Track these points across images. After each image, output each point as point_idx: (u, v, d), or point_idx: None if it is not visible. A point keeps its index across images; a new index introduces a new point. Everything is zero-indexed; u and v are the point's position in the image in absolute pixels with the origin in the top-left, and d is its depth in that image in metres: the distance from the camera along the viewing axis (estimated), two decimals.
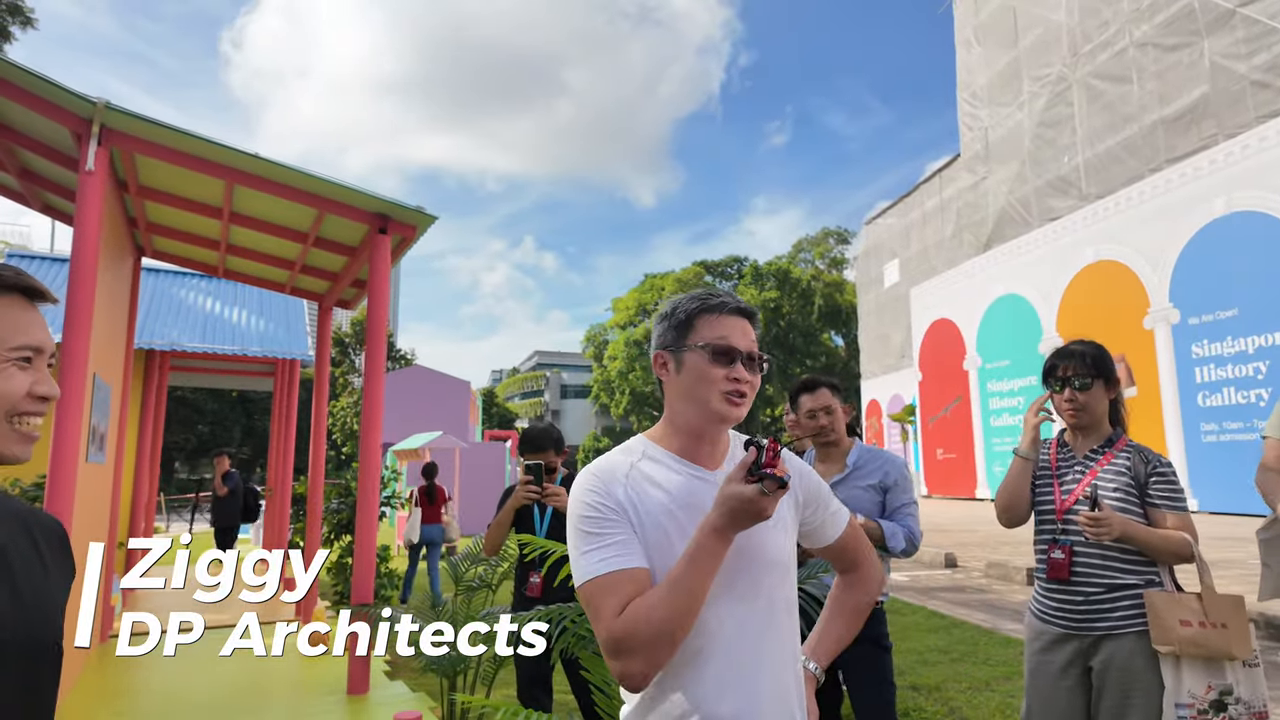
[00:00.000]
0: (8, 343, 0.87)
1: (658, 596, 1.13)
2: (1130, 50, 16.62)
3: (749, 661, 1.20)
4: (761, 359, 1.29)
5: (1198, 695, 2.08)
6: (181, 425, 42.63)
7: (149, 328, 8.50)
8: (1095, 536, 2.19)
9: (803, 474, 1.36)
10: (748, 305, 1.33)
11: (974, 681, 4.75)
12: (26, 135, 4.56)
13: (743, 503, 1.09)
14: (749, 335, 1.29)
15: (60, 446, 3.72)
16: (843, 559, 1.46)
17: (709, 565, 1.12)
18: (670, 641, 1.12)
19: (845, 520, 1.43)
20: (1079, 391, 2.33)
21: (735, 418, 1.26)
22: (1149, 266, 15.29)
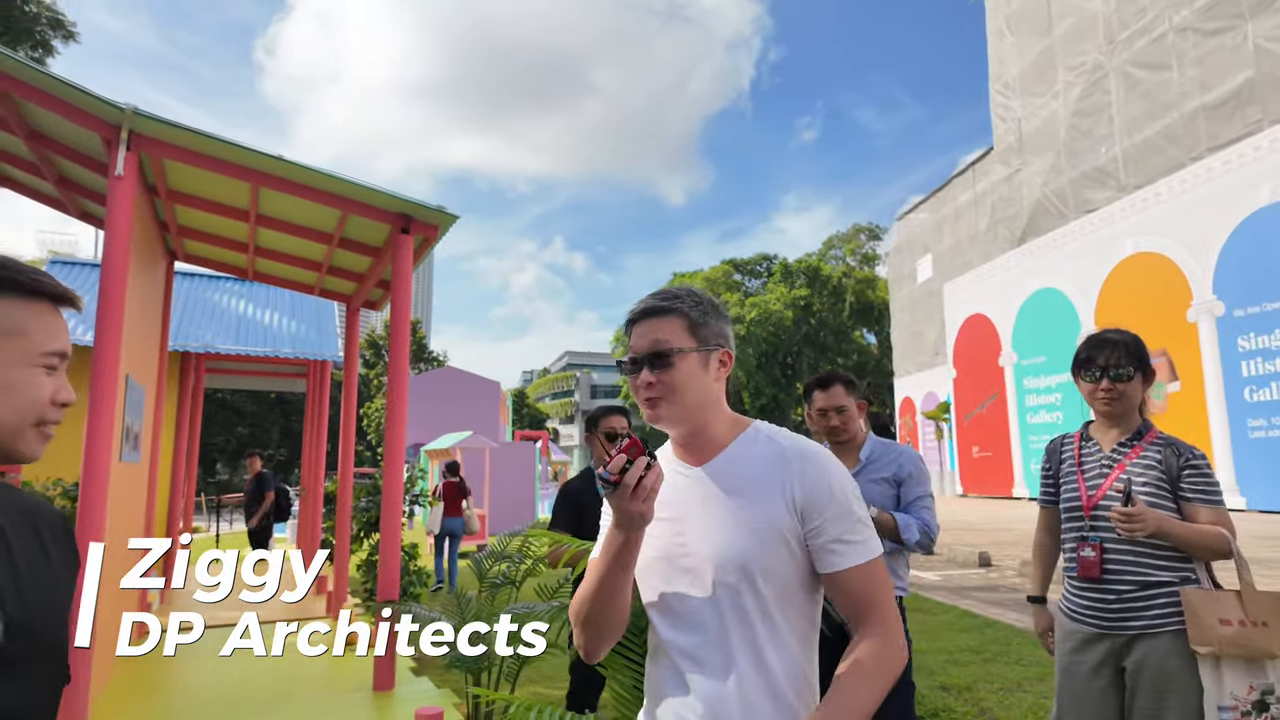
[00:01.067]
0: (41, 347, 0.88)
1: (584, 583, 1.24)
2: (1170, 36, 16.15)
3: (699, 664, 1.20)
4: (670, 351, 1.22)
5: (1240, 696, 1.99)
6: (221, 427, 43.60)
7: (184, 330, 8.69)
8: (1128, 533, 2.11)
9: (803, 476, 1.20)
10: (647, 305, 1.29)
11: (1006, 682, 4.64)
12: (62, 143, 4.68)
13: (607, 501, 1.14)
14: (648, 336, 1.25)
15: (93, 445, 3.81)
16: (846, 605, 1.21)
17: (613, 559, 1.16)
18: (580, 621, 1.23)
19: (857, 557, 1.18)
20: (1118, 382, 2.24)
21: (655, 420, 1.25)
22: (1191, 258, 14.84)
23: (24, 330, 0.87)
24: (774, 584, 1.18)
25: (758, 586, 1.17)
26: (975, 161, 24.56)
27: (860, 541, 1.20)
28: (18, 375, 0.86)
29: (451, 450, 15.48)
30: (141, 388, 5.20)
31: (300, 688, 4.44)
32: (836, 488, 1.20)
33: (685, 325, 1.26)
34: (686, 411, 1.24)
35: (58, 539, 0.98)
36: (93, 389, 3.84)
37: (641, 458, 1.08)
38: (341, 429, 6.75)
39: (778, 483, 1.20)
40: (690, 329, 1.26)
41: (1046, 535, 2.53)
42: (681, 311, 1.26)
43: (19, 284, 0.87)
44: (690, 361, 1.24)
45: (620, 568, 1.17)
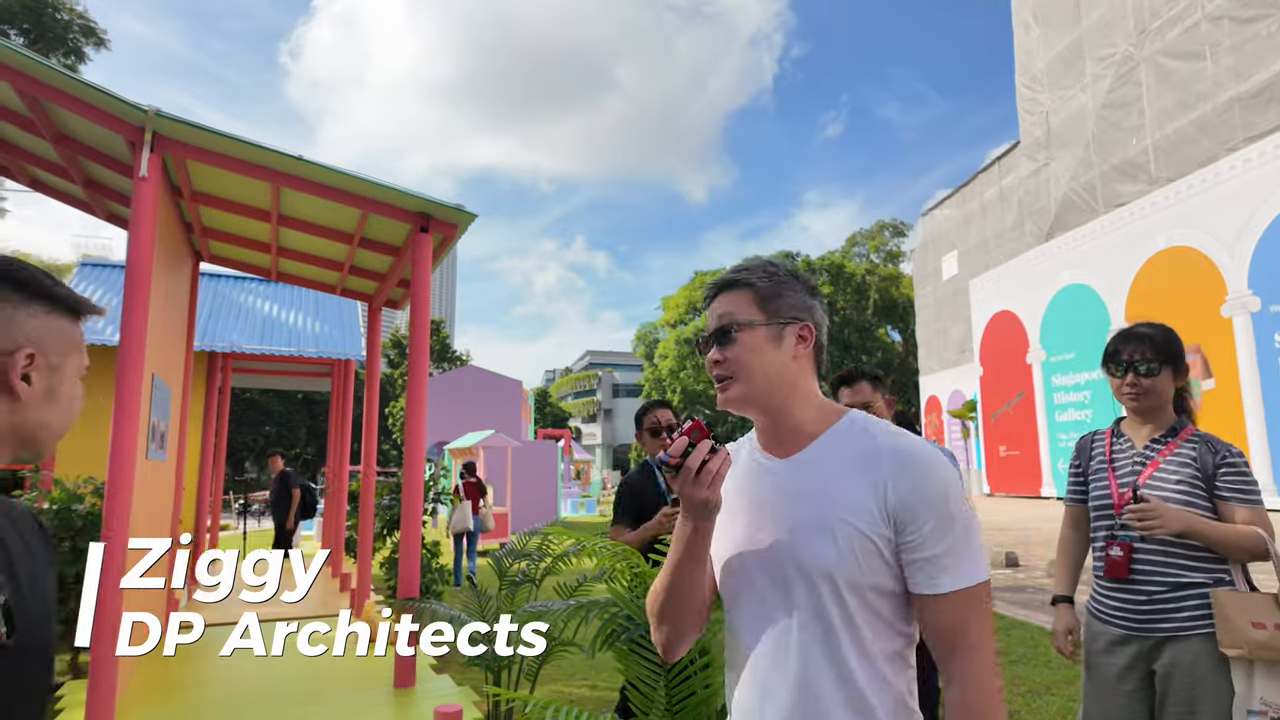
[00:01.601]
0: (84, 363, 0.97)
1: (658, 578, 1.18)
2: (1203, 24, 15.76)
3: (774, 671, 1.10)
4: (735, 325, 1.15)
5: (1271, 702, 1.92)
6: (250, 426, 44.28)
7: (210, 331, 8.81)
8: (1145, 530, 2.05)
9: (900, 478, 1.06)
10: (717, 279, 1.23)
11: (1033, 685, 4.55)
12: (88, 145, 4.76)
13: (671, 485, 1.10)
14: (716, 311, 1.19)
15: (119, 444, 3.86)
16: (932, 635, 1.08)
17: (682, 550, 1.11)
18: (662, 618, 1.17)
19: (956, 581, 1.04)
20: (1144, 377, 2.17)
21: (724, 402, 1.17)
22: (1225, 252, 14.48)
23: (80, 348, 0.96)
24: (858, 594, 1.07)
25: (841, 594, 1.07)
26: (1001, 156, 24.20)
27: (961, 562, 1.04)
28: (76, 389, 0.96)
29: (474, 449, 15.56)
30: (168, 387, 5.27)
31: (322, 685, 4.47)
32: (938, 495, 1.06)
33: (754, 297, 1.17)
34: (756, 392, 1.14)
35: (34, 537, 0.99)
36: (118, 388, 3.89)
37: (704, 440, 1.02)
38: (364, 428, 6.80)
39: (869, 483, 1.07)
40: (759, 301, 1.16)
41: (1073, 532, 2.46)
42: (749, 283, 1.18)
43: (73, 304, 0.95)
44: (757, 336, 1.14)
45: (691, 559, 1.11)
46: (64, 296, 0.94)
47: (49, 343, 0.91)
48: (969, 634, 1.05)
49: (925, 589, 1.05)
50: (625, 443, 66.19)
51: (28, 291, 0.90)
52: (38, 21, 17.35)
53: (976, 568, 1.05)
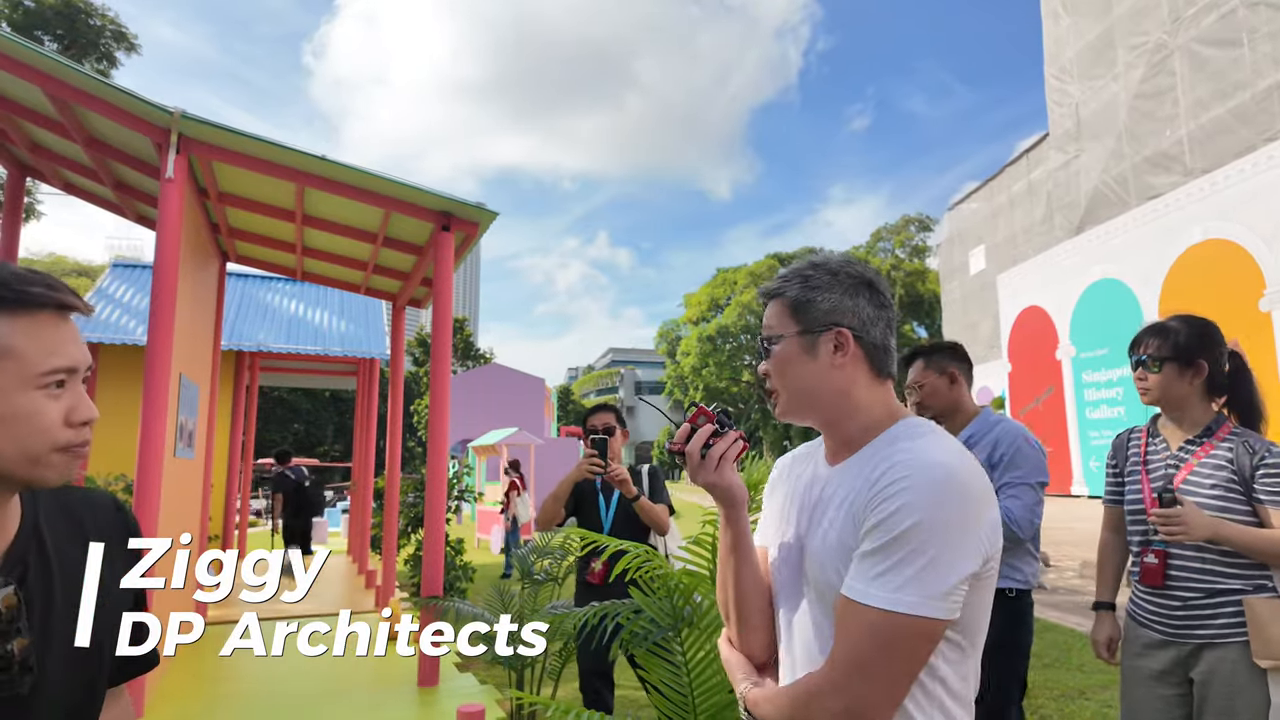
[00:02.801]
0: (36, 368, 0.77)
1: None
2: (1240, 10, 15.35)
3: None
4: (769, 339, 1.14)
5: None
6: (278, 424, 44.94)
7: (237, 330, 8.92)
8: (1170, 537, 1.98)
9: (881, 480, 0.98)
10: (764, 286, 1.19)
11: (1067, 689, 4.45)
12: (117, 148, 4.82)
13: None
14: (765, 323, 1.17)
15: (147, 441, 3.91)
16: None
17: (722, 542, 1.14)
18: (724, 613, 1.19)
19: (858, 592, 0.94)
20: (1149, 371, 2.13)
21: (776, 415, 1.16)
22: (1264, 244, 14.09)
23: (12, 351, 0.76)
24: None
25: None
26: (1029, 149, 23.79)
27: (876, 574, 0.93)
28: (12, 403, 0.76)
29: (497, 447, 15.63)
30: (195, 385, 5.33)
31: (346, 682, 4.49)
32: (895, 500, 0.94)
33: (787, 307, 1.13)
34: (796, 404, 1.11)
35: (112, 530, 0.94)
36: (146, 387, 3.94)
37: (707, 426, 1.03)
38: (389, 426, 6.84)
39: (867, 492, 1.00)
40: (791, 311, 1.12)
41: (1112, 535, 2.38)
42: (781, 292, 1.14)
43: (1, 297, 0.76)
44: (790, 348, 1.11)
45: (730, 550, 1.12)
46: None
47: None
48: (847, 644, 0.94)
49: (842, 587, 0.98)
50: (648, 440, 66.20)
51: None
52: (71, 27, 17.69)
53: (889, 594, 0.91)
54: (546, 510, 3.23)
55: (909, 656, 0.93)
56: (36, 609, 0.81)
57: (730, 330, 46.73)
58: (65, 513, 0.91)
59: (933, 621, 0.91)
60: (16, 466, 0.77)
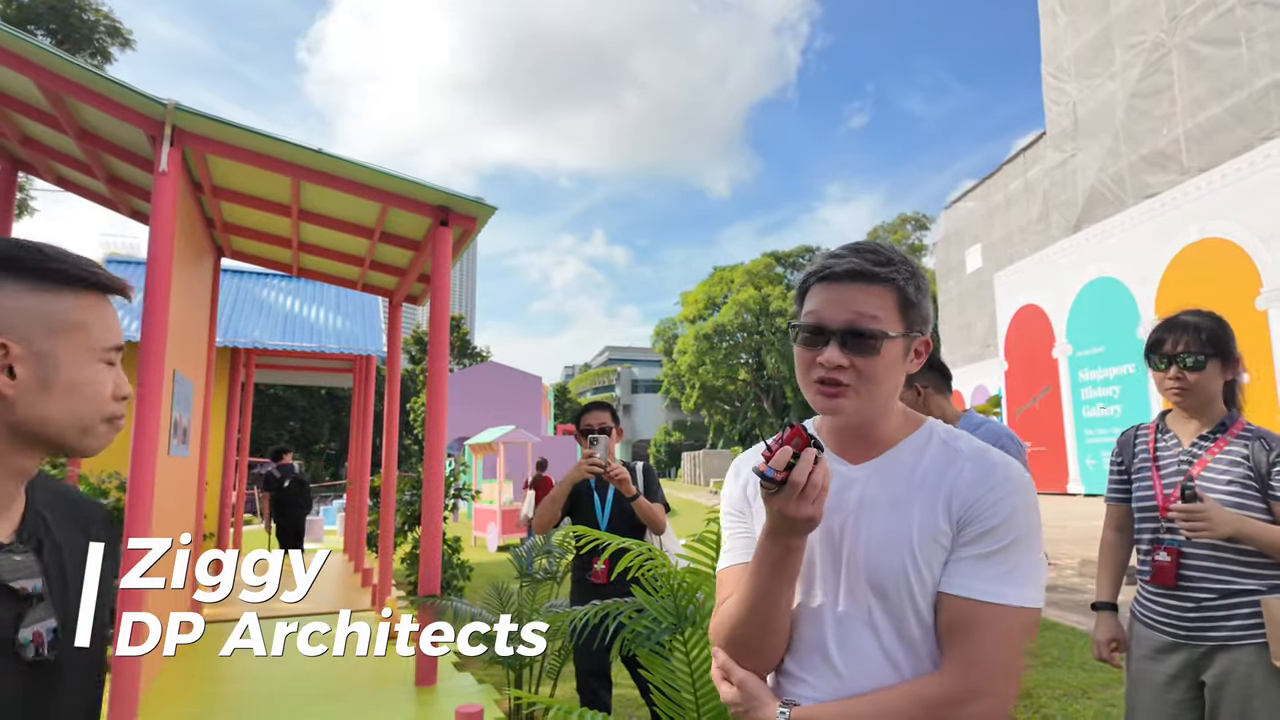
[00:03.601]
0: (101, 342, 0.86)
1: (733, 602, 1.06)
2: (1238, 9, 15.36)
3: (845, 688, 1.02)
4: (874, 334, 1.00)
5: None
6: (274, 422, 44.80)
7: (233, 326, 8.86)
8: (1192, 534, 1.93)
9: (972, 480, 0.99)
10: (853, 263, 1.02)
11: (1069, 688, 4.43)
12: (110, 141, 4.76)
13: (765, 506, 0.95)
14: (854, 305, 1.01)
15: (140, 439, 3.85)
16: (943, 636, 0.98)
17: (771, 573, 0.98)
18: (747, 648, 1.05)
19: (986, 593, 0.95)
20: (1189, 371, 2.03)
21: (834, 412, 1.03)
22: (1261, 243, 14.11)
23: (83, 324, 0.84)
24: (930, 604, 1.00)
25: (920, 611, 0.98)
26: (1026, 148, 23.79)
27: (1002, 575, 0.95)
28: (82, 372, 0.84)
29: (494, 445, 15.57)
30: (189, 382, 5.27)
31: (343, 682, 4.45)
32: (1007, 507, 0.96)
33: (898, 302, 1.02)
34: (874, 408, 1.03)
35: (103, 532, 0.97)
36: (139, 383, 3.89)
37: (809, 449, 0.91)
38: (385, 423, 6.79)
39: (944, 491, 1.00)
40: (902, 308, 1.02)
41: (1116, 534, 2.34)
42: (897, 284, 1.02)
43: (73, 276, 0.84)
44: (896, 350, 1.02)
45: (783, 582, 0.99)
46: (55, 269, 0.82)
47: (28, 327, 0.80)
48: (979, 644, 0.94)
49: (950, 588, 0.97)
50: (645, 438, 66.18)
51: (3, 271, 0.80)
52: (65, 22, 17.56)
53: (1015, 590, 0.94)
54: (545, 512, 3.20)
55: (1026, 649, 0.97)
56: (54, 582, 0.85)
57: (727, 328, 46.72)
58: (64, 501, 0.93)
59: (1040, 612, 0.98)
60: (70, 433, 0.84)
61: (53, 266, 0.82)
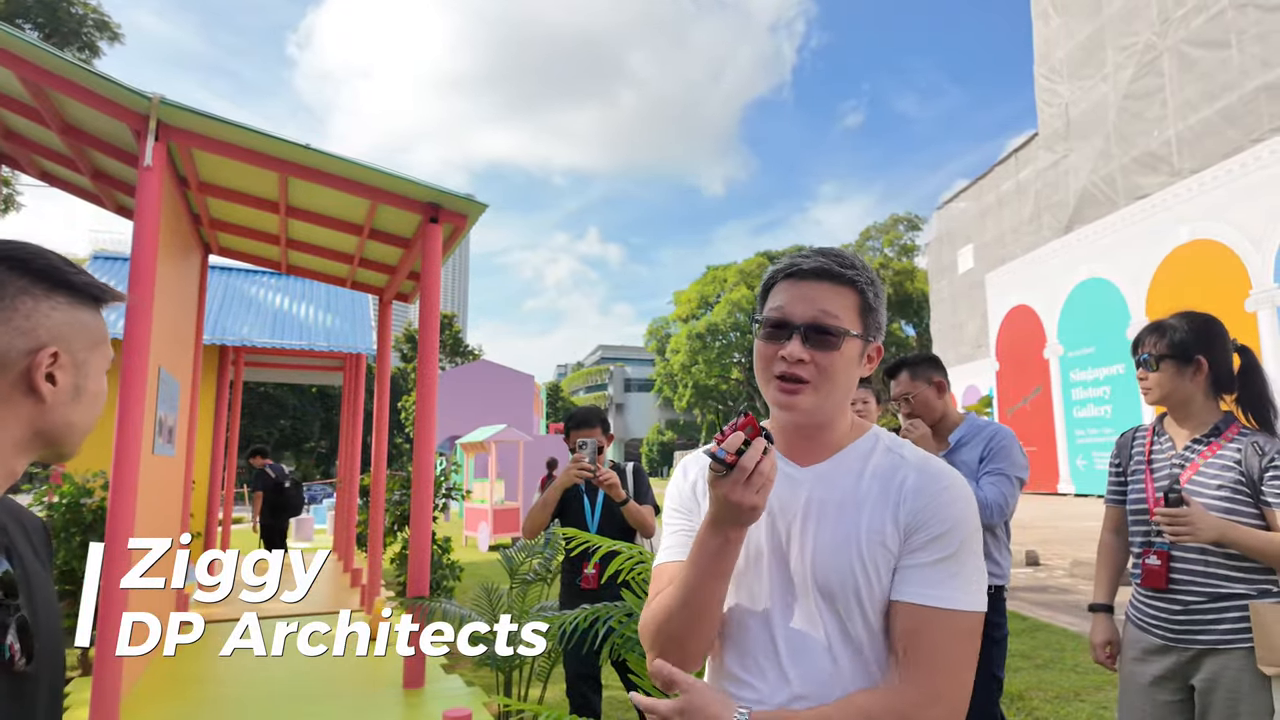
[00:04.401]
0: (110, 354, 0.92)
1: (665, 594, 1.04)
2: (1228, 12, 15.43)
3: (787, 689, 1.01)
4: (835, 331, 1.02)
5: None
6: (265, 420, 44.56)
7: (221, 324, 8.77)
8: (1176, 537, 1.93)
9: (919, 491, 1.02)
10: (820, 263, 1.06)
11: (1061, 690, 4.41)
12: (94, 135, 4.69)
13: (710, 490, 0.94)
14: (819, 302, 1.04)
15: (124, 437, 3.79)
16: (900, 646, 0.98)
17: (707, 564, 0.97)
18: (675, 642, 1.02)
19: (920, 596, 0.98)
20: (1148, 370, 2.09)
21: (791, 408, 1.03)
22: (1251, 245, 14.19)
23: (104, 340, 0.91)
24: (883, 614, 1.01)
25: (867, 614, 1.00)
26: (1019, 149, 23.87)
27: (952, 580, 0.97)
28: (101, 383, 0.91)
29: (486, 443, 15.50)
30: (175, 381, 5.20)
31: (330, 684, 4.39)
32: (953, 515, 1.00)
33: (858, 304, 1.06)
34: (829, 405, 1.05)
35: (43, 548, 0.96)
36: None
37: (759, 439, 0.90)
38: (375, 422, 6.73)
39: (892, 497, 1.02)
40: (862, 311, 1.07)
41: (1113, 536, 2.34)
42: (859, 286, 1.06)
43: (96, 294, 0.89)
44: (853, 349, 1.05)
45: (717, 575, 0.97)
46: (85, 285, 0.87)
47: (73, 338, 0.85)
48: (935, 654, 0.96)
49: (903, 596, 0.98)
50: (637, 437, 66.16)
51: (49, 282, 0.84)
52: (52, 16, 17.40)
53: (964, 595, 0.98)
54: (534, 518, 3.18)
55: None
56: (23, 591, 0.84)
57: (720, 328, 46.74)
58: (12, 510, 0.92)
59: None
60: (79, 439, 0.89)
61: (82, 282, 0.87)
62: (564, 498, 3.21)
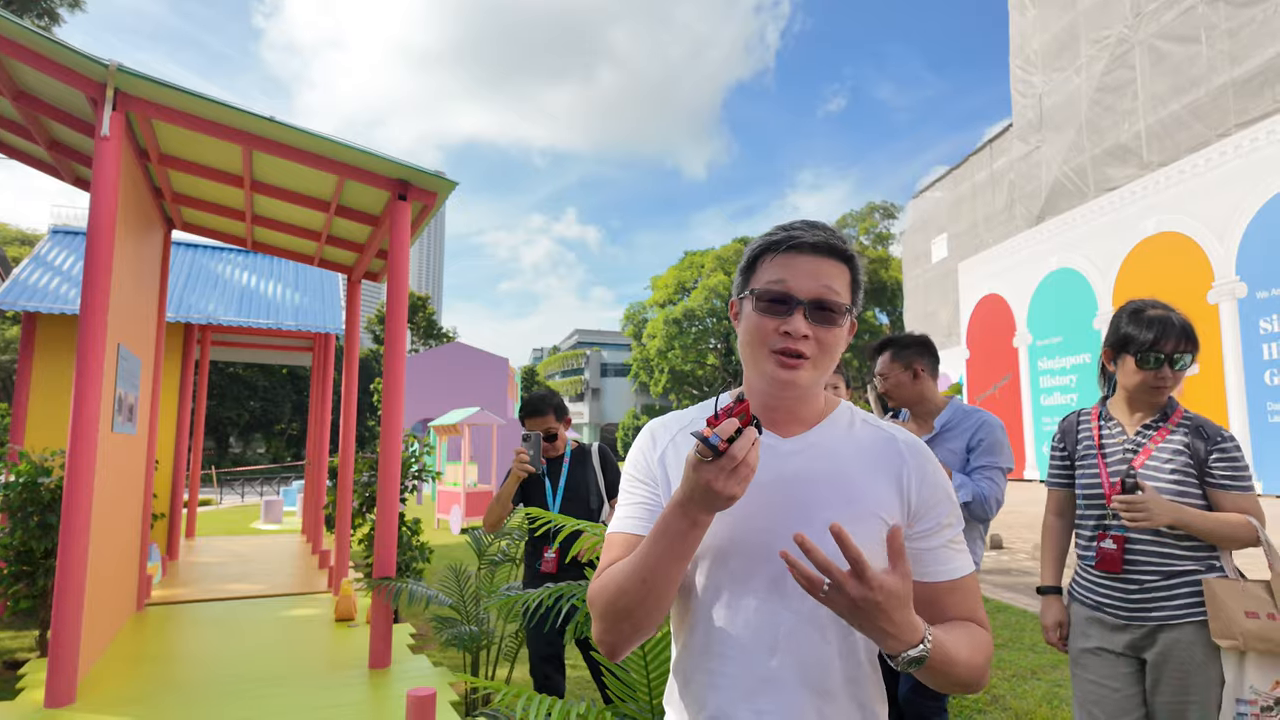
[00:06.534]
0: None
1: (620, 568, 1.00)
2: (1200, 7, 15.65)
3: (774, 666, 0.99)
4: (839, 308, 1.02)
5: (1261, 691, 1.88)
6: (234, 401, 43.89)
7: (186, 301, 8.58)
8: (1132, 523, 2.00)
9: (922, 472, 1.05)
10: (822, 237, 1.05)
11: (1018, 669, 4.51)
12: (49, 103, 4.54)
13: (688, 472, 0.89)
14: (822, 278, 1.03)
15: (80, 414, 3.71)
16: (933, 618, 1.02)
17: (670, 545, 0.93)
18: (626, 617, 0.99)
19: (954, 570, 1.03)
20: (1180, 371, 2.07)
21: (789, 383, 1.01)
22: (1214, 237, 14.49)
23: None
24: None
25: None
26: (993, 139, 24.09)
27: (966, 551, 1.06)
28: None
29: (458, 426, 15.41)
30: (136, 358, 5.09)
31: (296, 664, 4.36)
32: (950, 489, 1.08)
33: (851, 281, 1.07)
34: (820, 380, 1.06)
35: None
36: (79, 357, 3.73)
37: (750, 428, 0.87)
38: (343, 403, 6.65)
39: (892, 472, 1.04)
40: (853, 288, 1.07)
41: (1058, 519, 2.40)
42: (855, 262, 1.07)
43: None
44: (846, 326, 1.06)
45: (679, 556, 0.94)
46: None
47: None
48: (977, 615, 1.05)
49: (941, 575, 1.03)
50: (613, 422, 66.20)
51: None
52: None
53: (962, 557, 1.06)
54: (493, 512, 3.18)
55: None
56: None
57: (696, 314, 46.77)
58: None
59: None
60: None
61: None
62: (526, 483, 3.22)
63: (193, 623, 5.30)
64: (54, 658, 3.59)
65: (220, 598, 6.07)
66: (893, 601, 0.85)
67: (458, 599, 4.28)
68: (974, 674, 0.95)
